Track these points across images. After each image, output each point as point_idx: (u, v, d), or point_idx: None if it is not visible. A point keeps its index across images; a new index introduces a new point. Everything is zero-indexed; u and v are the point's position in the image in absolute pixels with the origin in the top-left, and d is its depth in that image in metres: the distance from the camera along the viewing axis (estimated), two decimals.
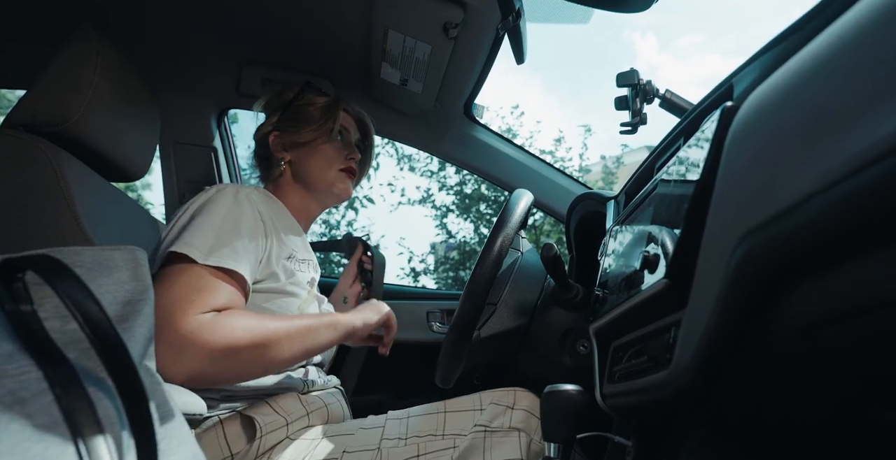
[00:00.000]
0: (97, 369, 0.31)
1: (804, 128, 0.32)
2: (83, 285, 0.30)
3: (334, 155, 1.06)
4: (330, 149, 1.05)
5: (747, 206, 0.36)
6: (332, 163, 1.05)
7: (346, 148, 1.08)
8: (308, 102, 1.08)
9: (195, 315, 0.70)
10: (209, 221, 0.80)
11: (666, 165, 0.62)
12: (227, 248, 0.78)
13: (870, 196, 0.26)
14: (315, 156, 1.05)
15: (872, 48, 0.27)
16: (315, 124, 1.04)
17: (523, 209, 0.93)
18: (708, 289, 0.40)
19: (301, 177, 1.06)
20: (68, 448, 0.29)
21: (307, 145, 1.05)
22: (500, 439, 0.77)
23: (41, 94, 0.81)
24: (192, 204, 0.86)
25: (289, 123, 1.06)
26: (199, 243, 0.77)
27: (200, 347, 0.67)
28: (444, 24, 1.05)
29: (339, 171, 1.06)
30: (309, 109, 1.07)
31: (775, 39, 0.48)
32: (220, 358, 0.69)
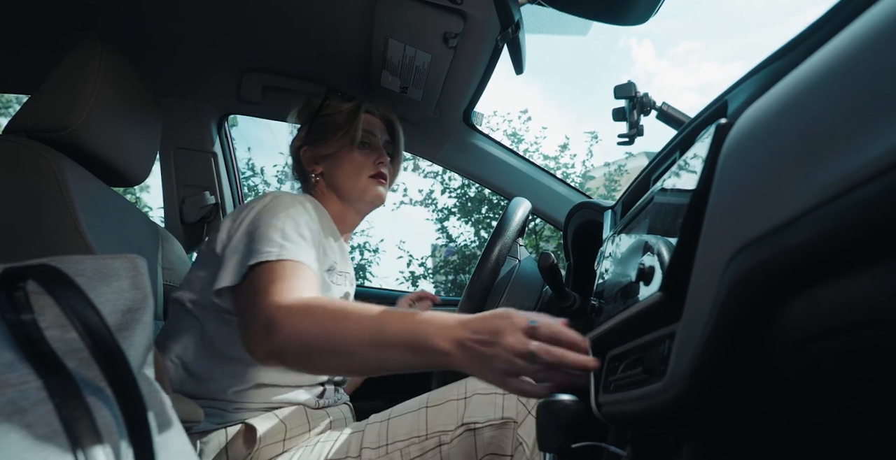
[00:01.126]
0: (96, 378, 0.32)
1: (797, 147, 0.32)
2: (83, 294, 0.30)
3: (362, 162, 1.05)
4: (357, 156, 1.05)
5: (740, 222, 0.36)
6: (360, 170, 1.04)
7: (373, 153, 1.07)
8: (333, 111, 1.08)
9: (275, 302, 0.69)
10: (273, 224, 0.81)
11: (662, 178, 0.63)
12: (293, 245, 0.79)
13: (860, 215, 0.26)
14: (343, 166, 1.05)
15: (865, 69, 0.28)
16: (340, 132, 1.05)
17: (521, 217, 0.93)
18: (702, 303, 0.41)
19: (334, 188, 1.06)
20: (67, 458, 0.29)
21: (334, 155, 1.05)
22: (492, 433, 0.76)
23: (44, 100, 0.82)
24: (247, 211, 0.86)
25: (316, 135, 1.08)
26: (268, 248, 0.77)
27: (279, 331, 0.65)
28: (444, 34, 1.06)
29: (370, 178, 1.05)
30: (334, 118, 1.07)
31: (769, 58, 0.49)
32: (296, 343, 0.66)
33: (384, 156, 1.07)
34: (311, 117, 1.09)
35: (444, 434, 0.76)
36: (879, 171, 0.25)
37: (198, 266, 0.91)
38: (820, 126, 0.31)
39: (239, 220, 0.86)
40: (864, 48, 0.29)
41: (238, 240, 0.82)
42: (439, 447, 0.75)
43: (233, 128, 1.71)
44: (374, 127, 1.10)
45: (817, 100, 0.31)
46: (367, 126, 1.07)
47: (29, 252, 0.74)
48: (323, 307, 0.66)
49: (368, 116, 1.09)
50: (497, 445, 0.75)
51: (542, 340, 0.58)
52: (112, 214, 0.93)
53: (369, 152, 1.06)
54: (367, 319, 0.63)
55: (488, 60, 1.17)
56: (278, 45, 1.26)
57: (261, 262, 0.75)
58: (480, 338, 0.57)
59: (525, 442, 0.75)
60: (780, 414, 0.41)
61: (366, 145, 1.07)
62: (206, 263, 0.88)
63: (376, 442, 0.78)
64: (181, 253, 1.23)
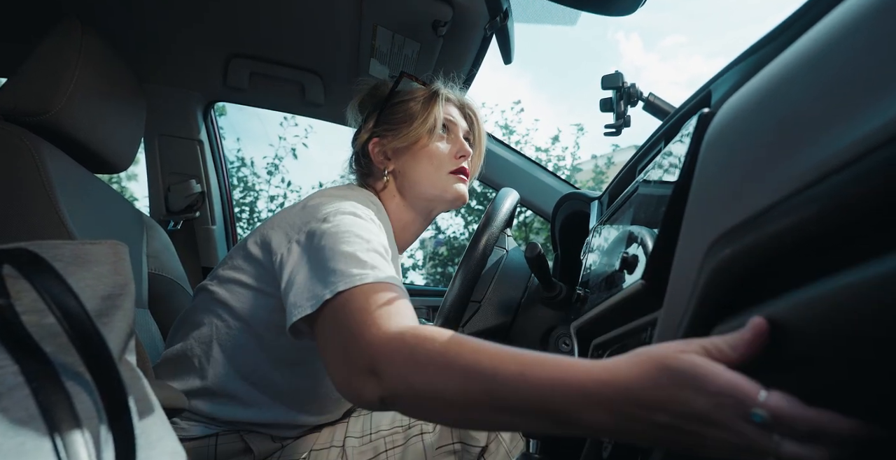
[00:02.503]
0: (75, 363, 0.31)
1: (775, 136, 0.33)
2: (61, 279, 0.30)
3: (442, 155, 0.90)
4: (436, 149, 0.90)
5: (720, 211, 0.37)
6: (440, 165, 0.90)
7: (454, 144, 0.92)
8: (407, 97, 0.93)
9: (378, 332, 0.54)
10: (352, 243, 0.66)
11: (647, 168, 0.63)
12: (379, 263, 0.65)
13: (832, 203, 0.27)
14: (420, 161, 0.90)
15: (838, 61, 0.28)
16: (416, 121, 0.89)
17: (509, 208, 0.93)
18: (682, 291, 0.41)
19: (408, 188, 0.91)
20: (45, 442, 0.29)
21: (409, 149, 0.90)
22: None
23: (23, 82, 0.80)
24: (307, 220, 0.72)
25: (387, 126, 0.92)
26: (354, 269, 0.62)
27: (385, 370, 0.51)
28: (433, 22, 1.05)
29: (450, 175, 0.91)
30: (408, 105, 0.92)
31: (752, 48, 0.49)
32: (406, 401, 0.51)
33: (467, 149, 0.93)
34: (383, 103, 0.94)
35: (426, 423, 0.78)
36: (849, 161, 0.25)
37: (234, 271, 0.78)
38: (797, 115, 0.31)
39: (301, 231, 0.71)
40: (838, 40, 0.29)
41: (308, 260, 0.67)
42: (421, 435, 0.77)
43: (221, 117, 1.68)
44: (454, 115, 0.95)
45: (794, 90, 0.32)
46: (448, 114, 0.93)
47: (5, 238, 0.72)
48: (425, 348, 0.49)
49: (448, 103, 0.95)
50: (472, 436, 0.76)
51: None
52: (95, 201, 0.91)
53: (450, 144, 0.92)
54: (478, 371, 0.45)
55: (477, 50, 1.16)
56: (266, 32, 1.24)
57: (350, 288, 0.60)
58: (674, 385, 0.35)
59: (502, 436, 0.76)
60: None
61: (443, 136, 0.92)
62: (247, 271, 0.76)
63: (360, 432, 0.79)
64: (166, 241, 1.21)
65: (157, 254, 1.15)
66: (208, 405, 0.75)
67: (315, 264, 0.65)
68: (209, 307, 0.79)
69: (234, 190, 1.65)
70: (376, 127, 0.93)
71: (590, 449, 0.76)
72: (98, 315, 0.35)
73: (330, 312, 0.60)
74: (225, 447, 0.75)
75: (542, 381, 0.40)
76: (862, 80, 0.26)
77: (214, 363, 0.76)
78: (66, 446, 0.29)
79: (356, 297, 0.59)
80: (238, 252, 0.80)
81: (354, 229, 0.68)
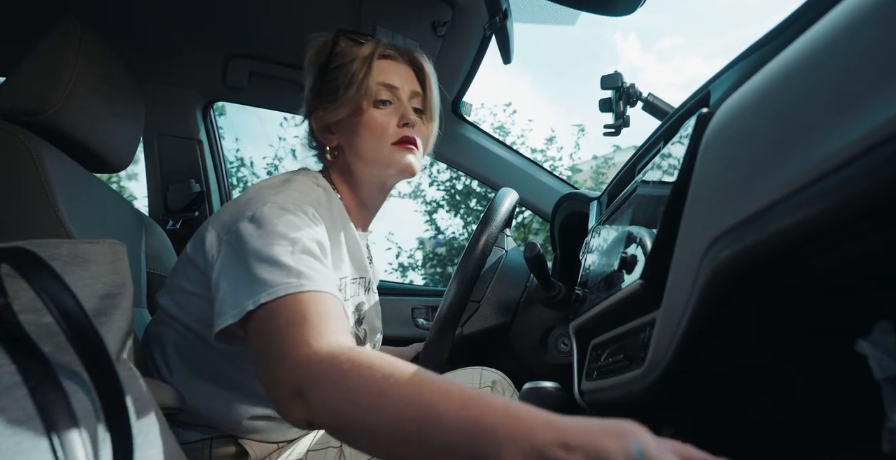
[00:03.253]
0: (73, 363, 0.31)
1: (773, 136, 0.33)
2: (59, 278, 0.30)
3: (382, 125, 0.79)
4: (375, 118, 0.79)
5: (718, 210, 0.37)
6: (382, 137, 0.79)
7: (395, 111, 0.81)
8: (345, 58, 0.81)
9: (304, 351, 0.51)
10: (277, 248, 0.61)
11: (645, 168, 0.63)
12: (310, 269, 0.59)
13: (832, 202, 0.27)
14: (361, 134, 0.79)
15: (836, 60, 0.28)
16: (351, 89, 0.78)
17: (508, 208, 0.93)
18: (680, 291, 0.41)
19: (354, 163, 0.82)
20: (42, 442, 0.29)
21: (350, 121, 0.80)
22: None
23: (21, 82, 0.80)
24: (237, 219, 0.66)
25: (325, 96, 0.81)
26: (280, 277, 0.57)
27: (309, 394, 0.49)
28: (432, 22, 1.05)
29: (393, 146, 0.79)
30: (346, 68, 0.80)
31: (751, 48, 0.49)
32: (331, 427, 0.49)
33: (410, 115, 0.80)
34: (322, 68, 0.82)
35: None
36: (846, 161, 0.25)
37: (180, 275, 0.74)
38: (795, 116, 0.31)
39: (230, 231, 0.66)
40: (836, 39, 0.29)
41: (233, 263, 0.63)
42: None
43: (220, 117, 1.68)
44: (397, 75, 0.82)
45: (793, 89, 0.32)
46: (386, 76, 0.81)
47: (4, 238, 0.72)
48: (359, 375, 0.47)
49: (388, 63, 0.82)
50: None
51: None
52: (94, 201, 0.91)
53: (391, 112, 0.81)
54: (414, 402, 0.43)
55: (477, 50, 1.16)
56: (265, 32, 1.23)
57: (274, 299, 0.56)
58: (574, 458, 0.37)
59: None
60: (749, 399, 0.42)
61: (385, 102, 0.81)
62: (189, 276, 0.72)
63: None
64: (166, 241, 1.21)
65: (156, 254, 1.15)
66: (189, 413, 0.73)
67: (239, 270, 0.61)
68: (162, 319, 0.76)
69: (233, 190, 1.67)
70: (316, 98, 0.83)
71: None
72: (96, 314, 0.35)
73: (255, 323, 0.57)
74: (220, 450, 0.74)
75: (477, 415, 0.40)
76: (861, 79, 0.26)
77: (177, 373, 0.74)
78: (64, 445, 0.29)
79: (281, 310, 0.55)
80: (183, 256, 0.75)
81: (281, 228, 0.63)
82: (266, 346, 0.54)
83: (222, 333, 0.59)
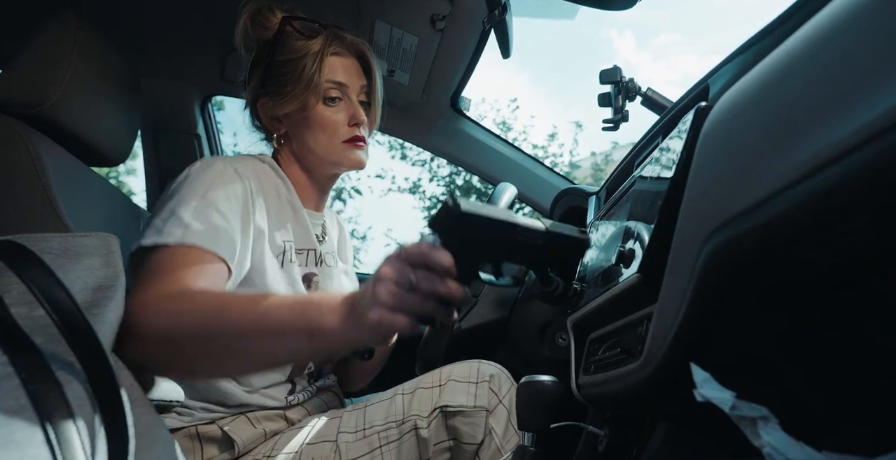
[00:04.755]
0: (65, 354, 0.31)
1: (771, 128, 0.33)
2: (49, 271, 0.30)
3: (334, 125, 0.83)
4: (326, 118, 0.82)
5: (715, 204, 0.37)
6: (333, 135, 0.83)
7: (346, 110, 0.84)
8: (292, 53, 0.82)
9: (140, 296, 0.58)
10: (185, 200, 0.69)
11: (644, 162, 0.63)
12: (203, 227, 0.66)
13: (826, 195, 0.27)
14: (312, 129, 0.83)
15: (834, 52, 0.28)
16: (300, 85, 0.81)
17: (506, 203, 0.93)
18: (677, 284, 0.41)
19: (304, 154, 0.86)
20: (36, 431, 0.29)
21: (299, 114, 0.83)
22: (464, 419, 0.76)
23: (17, 74, 0.79)
24: (174, 183, 0.75)
25: (273, 87, 0.83)
26: (169, 227, 0.65)
27: (138, 333, 0.53)
28: (431, 16, 1.04)
29: (344, 144, 0.83)
30: (294, 63, 0.82)
31: (749, 41, 0.49)
32: (160, 346, 0.55)
33: (360, 115, 0.84)
34: (269, 57, 0.84)
35: (420, 418, 0.77)
36: (843, 153, 0.25)
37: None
38: (793, 107, 0.31)
39: (171, 185, 0.75)
40: (834, 32, 0.29)
41: (157, 208, 0.71)
42: (415, 430, 0.76)
43: (219, 112, 1.67)
44: (346, 72, 0.84)
45: (790, 82, 0.32)
46: (336, 74, 0.83)
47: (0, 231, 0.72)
48: (195, 296, 0.56)
49: (337, 59, 0.84)
50: (468, 433, 0.75)
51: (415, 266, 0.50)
52: (91, 195, 0.91)
53: (341, 110, 0.84)
54: (249, 305, 0.54)
55: (476, 44, 1.16)
56: None
57: (157, 246, 0.64)
58: (364, 287, 0.51)
59: (495, 430, 0.75)
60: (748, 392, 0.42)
61: (334, 100, 0.83)
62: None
63: (354, 427, 0.78)
64: None
65: None
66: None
67: (156, 212, 0.70)
68: None
69: None
70: (261, 86, 0.85)
71: (585, 442, 0.76)
72: (89, 306, 0.35)
73: (133, 263, 0.66)
74: (209, 437, 0.75)
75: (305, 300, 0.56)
76: (859, 71, 0.26)
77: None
78: (58, 434, 0.29)
79: (151, 257, 0.64)
80: None
81: (197, 183, 0.72)
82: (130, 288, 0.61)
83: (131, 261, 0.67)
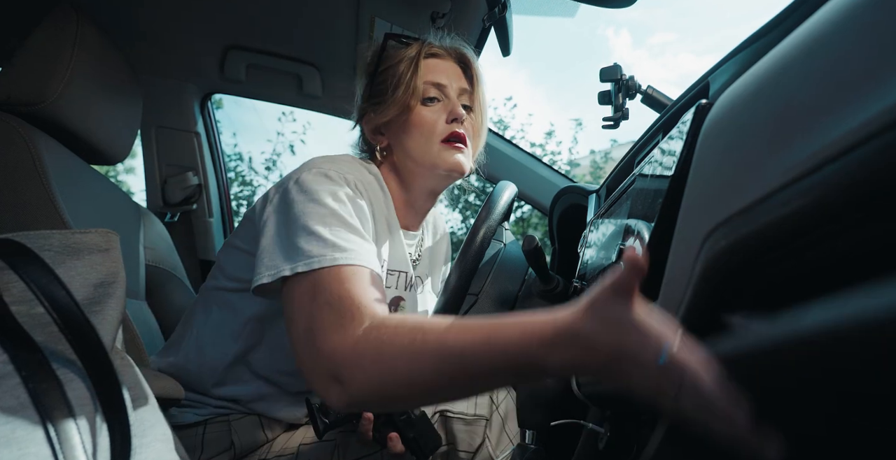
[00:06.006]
0: (66, 352, 0.31)
1: (771, 126, 0.32)
2: (48, 269, 0.30)
3: (431, 123, 0.80)
4: (423, 116, 0.80)
5: (716, 202, 0.37)
6: (431, 134, 0.80)
7: (444, 108, 0.81)
8: (393, 60, 0.82)
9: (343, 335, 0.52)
10: (313, 219, 0.63)
11: (644, 160, 0.63)
12: (346, 242, 0.61)
13: (826, 193, 0.27)
14: (410, 132, 0.80)
15: (835, 48, 0.28)
16: (399, 90, 0.79)
17: (506, 201, 0.93)
18: (678, 282, 0.41)
19: (402, 163, 0.83)
20: (37, 429, 0.29)
21: (399, 120, 0.81)
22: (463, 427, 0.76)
23: (16, 72, 0.79)
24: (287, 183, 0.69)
25: (375, 98, 0.83)
26: (316, 248, 0.59)
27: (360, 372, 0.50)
28: (431, 14, 1.04)
29: (442, 144, 0.80)
30: (394, 70, 0.81)
31: (751, 38, 0.49)
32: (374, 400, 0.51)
33: (458, 110, 0.80)
34: (373, 72, 0.83)
35: None
36: (844, 150, 0.25)
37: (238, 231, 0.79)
38: (793, 105, 0.31)
39: (277, 193, 0.68)
40: (835, 27, 0.29)
41: (275, 224, 0.65)
42: None
43: (218, 110, 1.67)
44: (444, 73, 0.82)
45: (791, 78, 0.31)
46: (434, 75, 0.81)
47: (0, 229, 0.72)
48: (393, 344, 0.49)
49: (435, 61, 0.83)
50: (465, 440, 0.75)
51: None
52: (91, 192, 0.91)
53: (439, 108, 0.81)
54: (449, 352, 0.46)
55: (475, 42, 1.16)
56: (263, 24, 1.23)
57: (310, 271, 0.58)
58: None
59: (489, 438, 0.76)
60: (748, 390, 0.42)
61: (433, 100, 0.81)
62: (242, 233, 0.77)
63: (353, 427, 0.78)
64: (163, 232, 1.21)
65: (154, 246, 1.15)
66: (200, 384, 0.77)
67: (280, 232, 0.64)
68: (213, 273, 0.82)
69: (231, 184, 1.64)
70: (366, 101, 0.85)
71: (586, 440, 0.76)
72: (90, 303, 0.35)
73: (291, 291, 0.59)
74: (212, 436, 0.75)
75: (507, 342, 0.43)
76: (858, 69, 0.26)
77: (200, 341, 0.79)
78: (59, 432, 0.29)
79: (317, 285, 0.57)
80: (246, 213, 0.80)
81: (322, 196, 0.65)
82: (302, 323, 0.56)
83: (258, 289, 0.62)
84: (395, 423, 0.66)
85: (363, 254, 0.61)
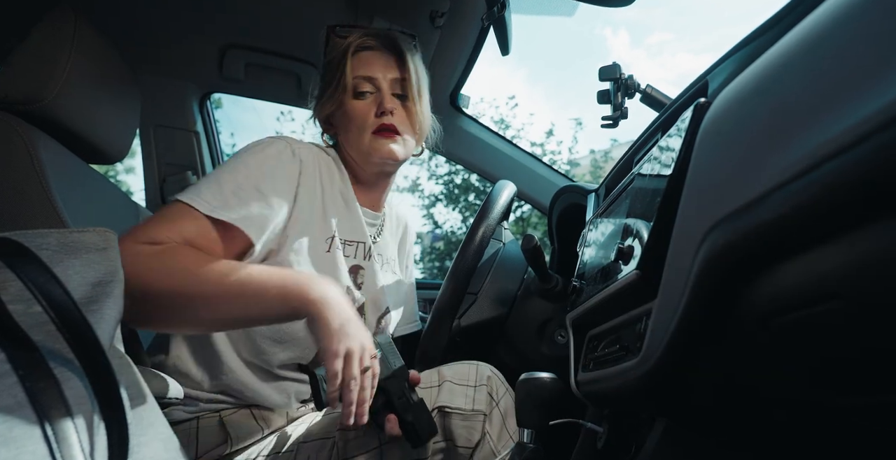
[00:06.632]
0: (64, 351, 0.31)
1: (770, 124, 0.32)
2: (45, 268, 0.30)
3: (361, 116, 0.83)
4: (354, 110, 0.84)
5: (714, 200, 0.37)
6: (362, 127, 0.83)
7: (375, 101, 0.84)
8: (332, 55, 0.87)
9: (136, 242, 0.61)
10: (234, 171, 0.72)
11: (643, 159, 0.63)
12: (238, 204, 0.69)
13: (824, 191, 0.27)
14: (347, 125, 0.85)
15: (833, 46, 0.28)
16: (332, 84, 0.85)
17: (506, 200, 0.93)
18: (677, 280, 0.41)
19: (347, 151, 0.88)
20: (35, 428, 0.29)
21: (338, 113, 0.86)
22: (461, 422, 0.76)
23: (15, 70, 0.79)
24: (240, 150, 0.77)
25: (322, 90, 0.89)
26: (207, 194, 0.69)
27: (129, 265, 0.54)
28: (430, 13, 1.04)
29: (373, 135, 0.83)
30: (332, 64, 0.86)
31: (750, 37, 0.49)
32: (138, 294, 0.56)
33: (387, 103, 0.83)
34: (322, 65, 0.89)
35: None
36: (841, 149, 0.25)
37: None
38: (791, 104, 0.31)
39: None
40: (833, 26, 0.29)
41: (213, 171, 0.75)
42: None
43: (217, 110, 1.67)
44: (375, 65, 0.85)
45: (790, 77, 0.31)
46: (365, 68, 0.84)
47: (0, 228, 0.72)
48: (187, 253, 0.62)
49: (367, 53, 0.85)
50: (464, 436, 0.75)
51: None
52: (90, 191, 0.91)
53: (370, 101, 0.84)
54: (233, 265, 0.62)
55: (475, 41, 1.16)
56: (262, 23, 1.22)
57: (187, 204, 0.67)
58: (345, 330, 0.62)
59: (490, 434, 0.75)
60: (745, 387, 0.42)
61: (364, 94, 0.84)
62: None
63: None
64: None
65: None
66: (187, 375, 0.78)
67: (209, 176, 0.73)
68: None
69: None
70: (318, 94, 0.91)
71: (584, 439, 0.76)
72: (88, 302, 0.35)
73: (167, 206, 0.70)
74: (205, 431, 0.75)
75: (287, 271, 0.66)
76: (855, 68, 0.26)
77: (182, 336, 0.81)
78: (56, 431, 0.29)
79: (175, 209, 0.67)
80: None
81: (251, 160, 0.74)
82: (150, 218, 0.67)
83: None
84: (394, 405, 0.70)
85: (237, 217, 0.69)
